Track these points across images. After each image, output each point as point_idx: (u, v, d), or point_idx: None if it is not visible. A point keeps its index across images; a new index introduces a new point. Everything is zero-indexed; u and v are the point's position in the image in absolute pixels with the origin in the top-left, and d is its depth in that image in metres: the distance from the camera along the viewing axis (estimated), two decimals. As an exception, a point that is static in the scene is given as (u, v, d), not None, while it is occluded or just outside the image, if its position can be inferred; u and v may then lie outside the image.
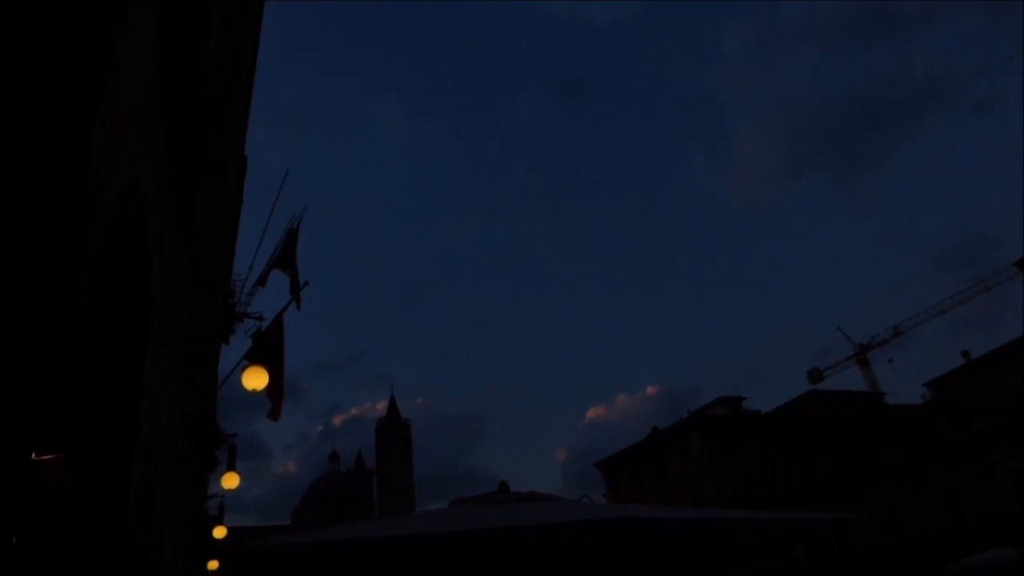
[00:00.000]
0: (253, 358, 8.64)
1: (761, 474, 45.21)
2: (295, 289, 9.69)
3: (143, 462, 5.16)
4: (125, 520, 4.49)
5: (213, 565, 20.11)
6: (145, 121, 4.27)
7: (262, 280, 10.23)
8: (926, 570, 30.63)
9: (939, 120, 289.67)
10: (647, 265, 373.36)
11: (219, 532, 18.56)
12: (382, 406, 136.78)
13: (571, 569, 5.77)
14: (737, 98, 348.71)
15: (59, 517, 3.89)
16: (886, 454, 42.48)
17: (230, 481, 14.35)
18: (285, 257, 9.91)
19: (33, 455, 3.01)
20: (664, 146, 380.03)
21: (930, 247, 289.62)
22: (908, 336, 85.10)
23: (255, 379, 8.29)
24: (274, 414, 9.74)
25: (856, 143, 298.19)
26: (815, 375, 79.89)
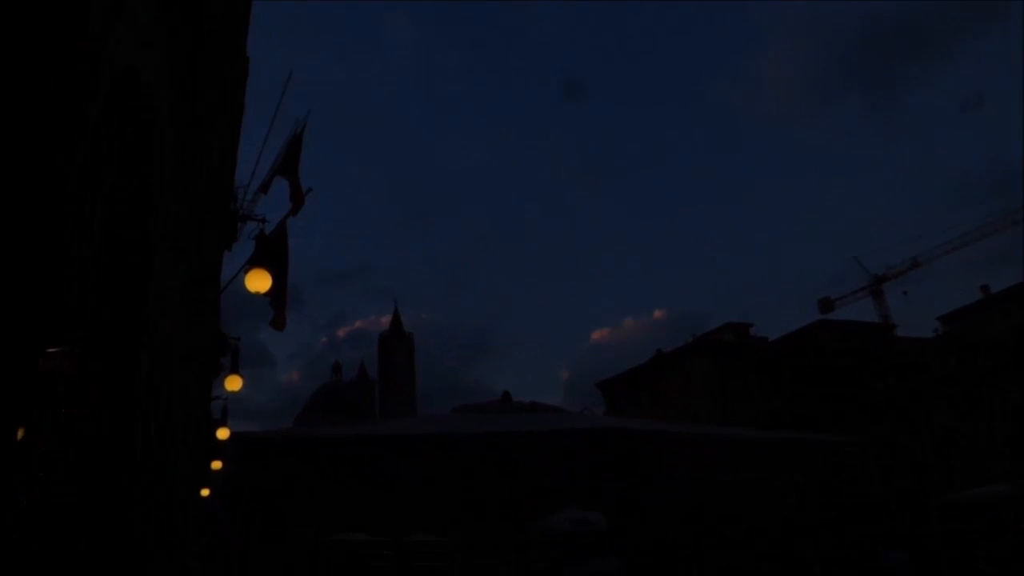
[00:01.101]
0: (256, 261, 8.72)
1: (764, 401, 46.07)
2: (296, 196, 9.68)
3: (151, 356, 5.31)
4: (134, 409, 4.67)
5: (217, 465, 20.84)
6: (143, 11, 4.17)
7: (264, 187, 10.20)
8: (922, 503, 31.63)
9: (980, 45, 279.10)
10: (661, 187, 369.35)
11: (222, 433, 19.00)
12: (386, 320, 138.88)
13: (568, 475, 6.01)
14: (768, 15, 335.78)
15: (69, 408, 4.04)
16: (891, 386, 43.10)
17: (233, 384, 14.71)
18: (288, 164, 9.85)
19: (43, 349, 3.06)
20: (688, 62, 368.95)
21: (958, 178, 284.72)
22: (926, 269, 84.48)
23: (258, 281, 8.40)
24: (278, 322, 9.91)
25: (892, 66, 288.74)
26: (826, 304, 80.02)
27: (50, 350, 3.20)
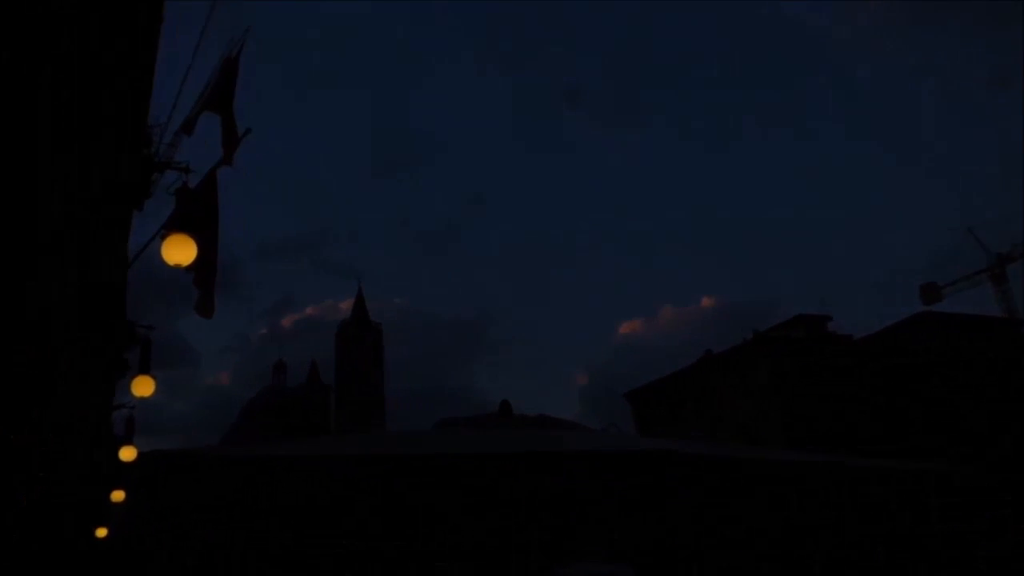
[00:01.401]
0: (177, 224, 8.73)
1: (848, 416, 46.12)
2: (230, 138, 9.64)
3: (23, 345, 5.32)
4: None
5: (118, 496, 20.76)
6: None
7: (188, 126, 10.16)
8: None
9: None
10: (713, 125, 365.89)
11: (126, 454, 18.40)
12: (346, 306, 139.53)
13: (589, 513, 6.06)
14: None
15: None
16: (1017, 398, 43.21)
17: (143, 387, 14.75)
18: (219, 96, 9.81)
19: None
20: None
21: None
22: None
23: (179, 251, 8.40)
24: (204, 307, 9.92)
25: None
26: (931, 292, 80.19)
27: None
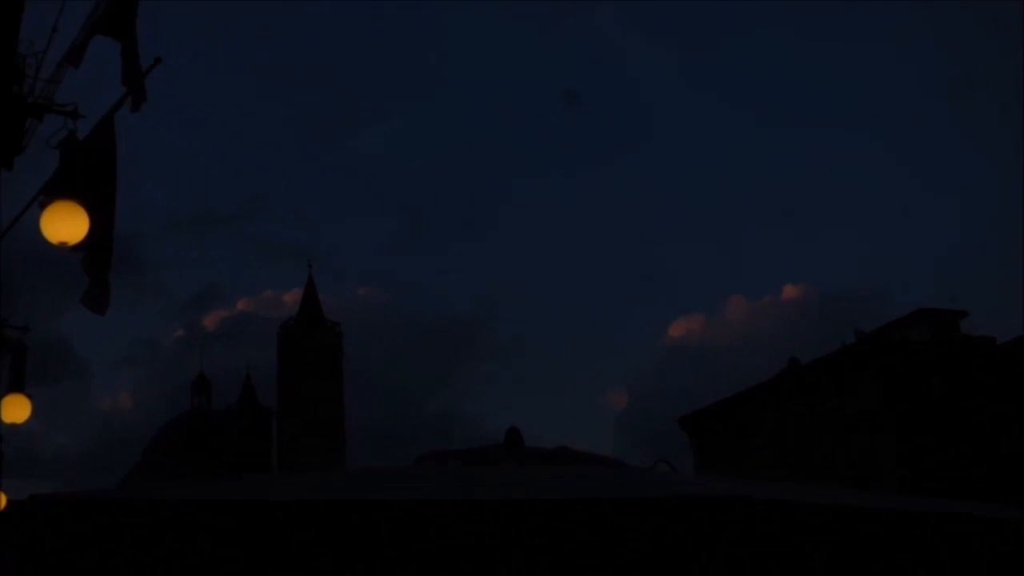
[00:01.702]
0: (62, 188, 8.79)
1: (985, 444, 45.73)
2: (132, 73, 9.67)
3: None
4: None
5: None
6: None
7: (74, 56, 10.20)
8: None
9: None
10: (798, 66, 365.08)
11: None
12: (292, 298, 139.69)
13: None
14: None
15: None
16: None
17: (15, 410, 14.95)
18: (115, 16, 9.82)
19: None
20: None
21: None
22: None
23: (64, 224, 8.48)
24: (96, 300, 9.97)
25: None
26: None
27: None
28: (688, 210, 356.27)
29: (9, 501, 19.42)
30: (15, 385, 15.24)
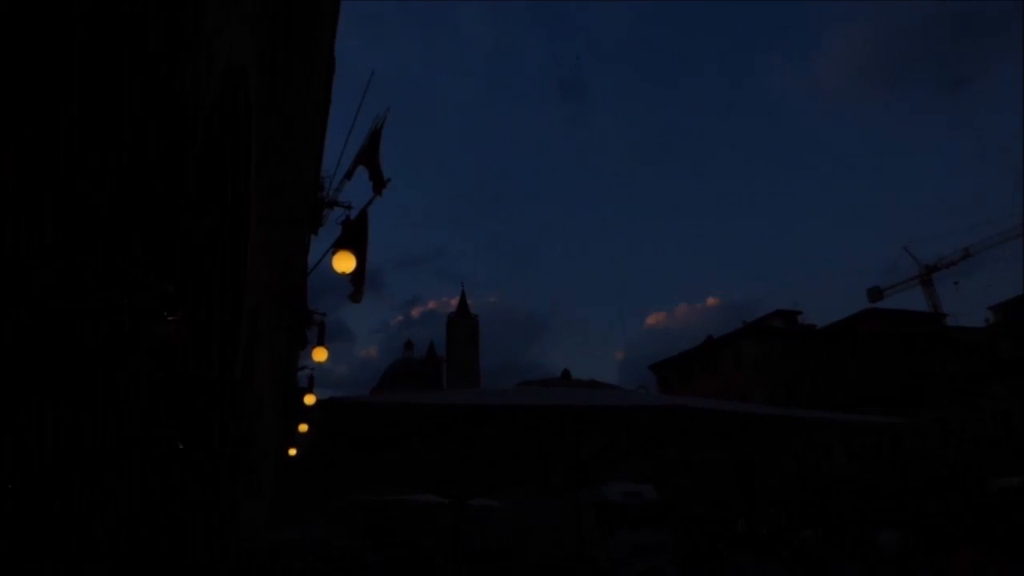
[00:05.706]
0: (342, 243, 8.90)
1: (812, 385, 44.76)
2: (377, 181, 9.76)
3: (248, 323, 5.49)
4: (234, 371, 4.84)
5: (303, 428, 21.58)
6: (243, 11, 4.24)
7: (349, 174, 10.33)
8: (974, 485, 30.22)
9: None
10: (719, 175, 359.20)
11: (309, 399, 19.76)
12: (455, 302, 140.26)
13: (625, 448, 5.96)
14: (826, 7, 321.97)
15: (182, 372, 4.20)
16: (941, 369, 41.20)
17: (319, 355, 15.17)
18: (369, 155, 9.94)
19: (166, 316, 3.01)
20: (748, 52, 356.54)
21: (1017, 170, 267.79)
22: (978, 259, 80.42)
23: (344, 262, 8.58)
24: (356, 296, 10.09)
25: (948, 58, 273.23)
26: (875, 294, 76.83)
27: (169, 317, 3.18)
28: (657, 245, 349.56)
29: (317, 400, 19.88)
30: (319, 342, 15.40)
